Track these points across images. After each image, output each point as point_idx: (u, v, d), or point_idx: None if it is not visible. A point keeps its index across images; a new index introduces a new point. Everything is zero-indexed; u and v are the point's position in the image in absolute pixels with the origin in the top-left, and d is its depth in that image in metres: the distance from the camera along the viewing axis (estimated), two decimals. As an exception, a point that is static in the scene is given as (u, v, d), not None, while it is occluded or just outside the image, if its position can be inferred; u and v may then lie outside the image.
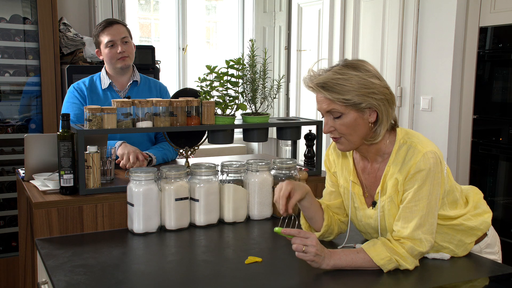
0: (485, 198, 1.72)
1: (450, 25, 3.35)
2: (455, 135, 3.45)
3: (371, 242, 1.51)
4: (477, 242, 1.64)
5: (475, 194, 1.69)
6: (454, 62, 3.37)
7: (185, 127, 2.05)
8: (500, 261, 1.68)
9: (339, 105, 1.47)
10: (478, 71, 3.38)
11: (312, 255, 1.44)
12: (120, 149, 2.32)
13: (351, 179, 1.65)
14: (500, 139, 3.28)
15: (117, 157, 2.31)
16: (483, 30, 3.32)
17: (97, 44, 2.58)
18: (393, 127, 1.57)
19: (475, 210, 1.63)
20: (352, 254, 1.49)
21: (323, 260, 1.46)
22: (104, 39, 2.52)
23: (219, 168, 1.98)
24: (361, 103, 1.47)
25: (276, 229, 1.49)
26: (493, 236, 1.68)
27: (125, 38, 2.55)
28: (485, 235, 1.65)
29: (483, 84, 3.36)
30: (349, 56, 4.14)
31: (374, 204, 1.60)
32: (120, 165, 2.28)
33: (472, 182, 3.46)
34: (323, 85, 1.47)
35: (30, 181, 2.06)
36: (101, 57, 2.60)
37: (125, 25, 2.60)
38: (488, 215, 1.64)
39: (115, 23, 2.56)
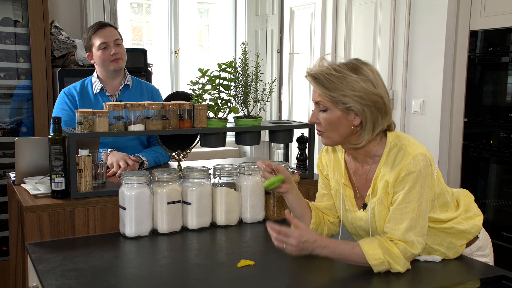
0: (476, 200, 1.73)
1: (441, 29, 3.38)
2: (447, 138, 3.47)
3: (368, 240, 1.51)
4: (468, 245, 1.64)
5: (466, 197, 1.70)
6: (445, 65, 3.39)
7: (177, 130, 2.05)
8: (491, 263, 1.69)
9: (326, 99, 1.51)
10: (469, 74, 3.40)
11: (293, 252, 1.48)
12: (109, 158, 2.29)
13: (342, 181, 1.65)
14: (491, 142, 3.30)
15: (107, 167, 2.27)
16: (473, 34, 3.35)
17: (89, 47, 2.56)
18: (385, 131, 1.58)
19: (466, 213, 1.63)
20: (347, 248, 1.49)
21: (312, 250, 1.48)
22: (97, 41, 2.51)
23: (211, 171, 1.98)
24: (345, 103, 1.48)
25: (266, 184, 1.62)
26: (484, 239, 1.69)
27: (118, 41, 2.54)
28: (476, 238, 1.66)
29: (474, 87, 3.39)
30: (340, 59, 4.16)
31: (364, 206, 1.60)
32: (110, 174, 2.24)
33: (463, 184, 3.49)
34: (316, 76, 1.51)
35: (21, 184, 2.05)
36: (92, 61, 2.58)
37: (116, 28, 2.60)
38: (479, 218, 1.65)
39: (107, 25, 2.56)
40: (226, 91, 2.12)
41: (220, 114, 2.13)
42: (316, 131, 1.61)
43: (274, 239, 1.50)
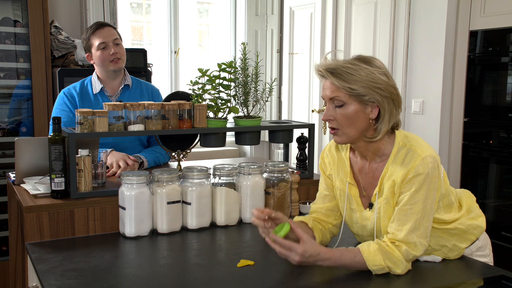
0: (476, 200, 1.73)
1: (441, 29, 3.38)
2: (446, 138, 3.47)
3: (369, 245, 1.49)
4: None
5: (468, 197, 1.69)
6: (445, 65, 3.39)
7: (177, 130, 2.05)
8: (491, 264, 1.69)
9: (343, 93, 1.48)
10: (469, 74, 3.40)
11: (295, 263, 1.45)
12: (109, 158, 2.29)
13: (347, 180, 1.64)
14: (491, 141, 3.30)
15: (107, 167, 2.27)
16: (473, 34, 3.35)
17: (88, 48, 2.56)
18: (393, 129, 1.58)
19: (468, 214, 1.63)
20: (349, 258, 1.47)
21: (314, 262, 1.46)
22: (96, 41, 2.51)
23: (211, 171, 1.98)
24: (365, 95, 1.47)
25: (278, 230, 1.51)
26: (484, 239, 1.69)
27: (117, 40, 2.54)
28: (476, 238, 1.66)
29: (474, 87, 3.39)
30: (340, 58, 4.16)
31: (371, 205, 1.60)
32: (110, 173, 2.24)
33: (463, 184, 3.49)
34: (332, 70, 1.49)
35: (21, 184, 2.05)
36: (92, 61, 2.57)
37: (115, 28, 2.60)
38: (482, 219, 1.65)
39: (106, 25, 2.56)
40: (226, 91, 2.12)
41: (220, 114, 2.13)
42: (329, 130, 1.57)
43: (277, 252, 1.47)
